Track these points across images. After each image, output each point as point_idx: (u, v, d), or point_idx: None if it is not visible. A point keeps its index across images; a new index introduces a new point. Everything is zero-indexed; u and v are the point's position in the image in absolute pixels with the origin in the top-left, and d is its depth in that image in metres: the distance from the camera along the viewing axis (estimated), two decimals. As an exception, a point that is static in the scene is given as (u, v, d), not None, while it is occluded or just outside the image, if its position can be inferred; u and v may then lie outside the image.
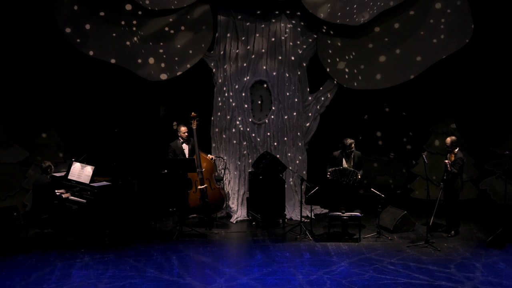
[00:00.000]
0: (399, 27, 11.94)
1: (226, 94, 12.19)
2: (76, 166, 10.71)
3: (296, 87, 12.25)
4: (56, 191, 10.42)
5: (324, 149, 11.69)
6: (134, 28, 11.72)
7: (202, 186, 11.23)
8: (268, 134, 12.27)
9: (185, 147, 11.33)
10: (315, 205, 11.81)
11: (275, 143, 12.27)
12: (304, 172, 12.31)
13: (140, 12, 11.68)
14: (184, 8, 11.77)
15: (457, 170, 10.60)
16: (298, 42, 12.20)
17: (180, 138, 11.32)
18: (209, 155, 11.45)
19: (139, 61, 11.78)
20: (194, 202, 11.31)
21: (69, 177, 10.67)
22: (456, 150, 10.73)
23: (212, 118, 12.30)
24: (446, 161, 10.67)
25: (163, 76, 11.89)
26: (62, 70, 12.05)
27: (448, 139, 10.79)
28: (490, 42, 12.24)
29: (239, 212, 12.13)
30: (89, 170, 10.58)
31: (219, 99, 12.25)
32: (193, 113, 11.29)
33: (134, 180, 11.04)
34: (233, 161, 12.24)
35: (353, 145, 10.95)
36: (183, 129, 11.27)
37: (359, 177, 10.75)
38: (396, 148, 13.27)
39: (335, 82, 12.25)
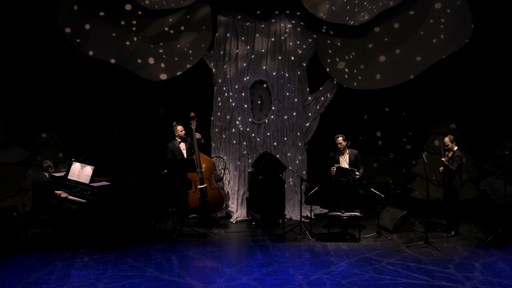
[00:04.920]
0: (399, 27, 11.94)
1: (226, 94, 12.20)
2: (76, 166, 10.71)
3: (296, 87, 12.25)
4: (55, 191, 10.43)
5: (324, 149, 11.68)
6: (134, 28, 11.73)
7: (202, 186, 11.24)
8: (268, 134, 12.27)
9: (183, 146, 11.34)
10: (315, 205, 11.82)
11: (275, 143, 12.27)
12: (304, 172, 12.31)
13: (140, 12, 11.68)
14: (184, 8, 11.77)
15: (455, 168, 10.60)
16: (298, 42, 12.20)
17: (177, 138, 11.32)
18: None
19: (139, 61, 11.78)
20: (194, 202, 11.31)
21: (69, 177, 10.66)
22: (455, 148, 10.74)
23: (212, 118, 12.31)
24: (443, 158, 10.68)
25: (163, 76, 11.89)
26: (62, 70, 12.07)
27: (447, 138, 10.80)
28: (490, 42, 12.24)
29: (239, 212, 12.13)
30: (89, 170, 10.58)
31: (219, 99, 12.25)
32: (192, 113, 11.30)
33: (134, 180, 11.04)
34: (233, 161, 12.24)
35: (340, 139, 10.87)
36: (179, 128, 11.28)
37: (358, 174, 10.73)
38: (396, 148, 13.28)
39: (335, 82, 12.25)
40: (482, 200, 12.75)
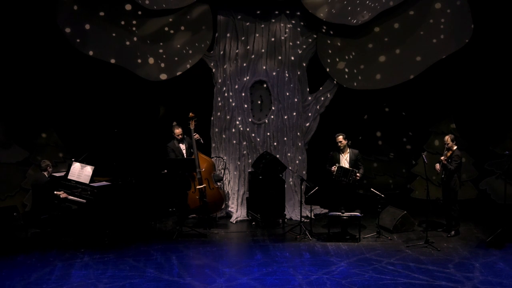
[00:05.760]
0: (399, 27, 11.94)
1: (226, 94, 12.20)
2: (76, 166, 10.71)
3: (296, 87, 12.25)
4: (54, 192, 10.42)
5: (324, 149, 11.69)
6: (134, 28, 11.73)
7: (201, 186, 11.24)
8: (268, 134, 12.27)
9: (182, 146, 11.37)
10: (315, 205, 11.81)
11: (275, 143, 12.27)
12: (304, 172, 12.31)
13: (140, 12, 11.68)
14: (184, 8, 11.77)
15: (453, 167, 10.60)
16: (298, 42, 12.20)
17: (175, 139, 11.33)
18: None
19: (139, 61, 11.79)
20: (193, 203, 11.31)
21: (69, 177, 10.67)
22: (455, 148, 10.74)
23: (212, 118, 12.31)
24: (442, 157, 10.69)
25: (163, 76, 11.89)
26: (62, 70, 12.06)
27: (447, 137, 10.81)
28: (490, 42, 12.24)
29: (239, 212, 12.12)
30: (89, 170, 10.58)
31: (219, 99, 12.25)
32: (191, 114, 11.31)
33: (134, 180, 11.04)
34: (233, 161, 12.24)
35: (340, 137, 10.90)
36: (177, 131, 11.29)
37: (358, 175, 10.75)
38: (396, 148, 13.27)
39: (335, 82, 12.25)
40: (482, 200, 12.75)
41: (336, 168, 10.77)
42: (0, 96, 11.92)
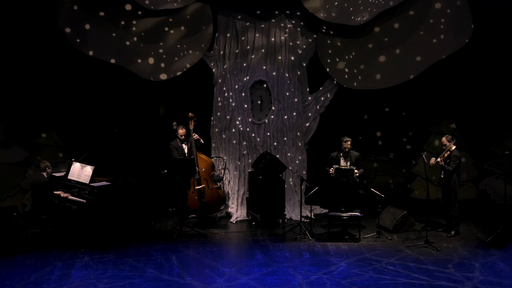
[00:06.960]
0: (399, 27, 11.94)
1: (226, 94, 12.20)
2: (76, 166, 10.72)
3: (296, 87, 12.25)
4: (54, 192, 10.41)
5: (324, 149, 11.70)
6: (134, 28, 11.73)
7: (200, 186, 11.23)
8: (268, 134, 12.27)
9: (184, 146, 11.38)
10: (315, 205, 11.80)
11: (275, 143, 12.27)
12: (304, 172, 12.31)
13: (140, 12, 11.69)
14: (184, 8, 11.78)
15: (452, 168, 10.60)
16: (298, 42, 12.20)
17: (178, 139, 11.34)
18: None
19: (139, 61, 11.79)
20: (193, 203, 11.31)
21: (69, 177, 10.67)
22: (453, 148, 10.73)
23: (212, 118, 12.31)
24: (439, 159, 10.67)
25: (163, 76, 11.89)
26: (62, 70, 12.07)
27: (444, 138, 10.83)
28: (490, 42, 12.24)
29: (239, 212, 12.12)
30: (89, 170, 10.58)
31: (219, 99, 12.25)
32: (190, 114, 11.31)
33: (134, 180, 11.04)
34: (233, 161, 12.24)
35: (348, 142, 10.93)
36: (181, 132, 11.30)
37: (357, 172, 10.74)
38: (396, 148, 13.27)
39: (335, 82, 12.25)
40: (482, 200, 12.75)
41: (333, 170, 10.78)
42: (0, 96, 11.92)
